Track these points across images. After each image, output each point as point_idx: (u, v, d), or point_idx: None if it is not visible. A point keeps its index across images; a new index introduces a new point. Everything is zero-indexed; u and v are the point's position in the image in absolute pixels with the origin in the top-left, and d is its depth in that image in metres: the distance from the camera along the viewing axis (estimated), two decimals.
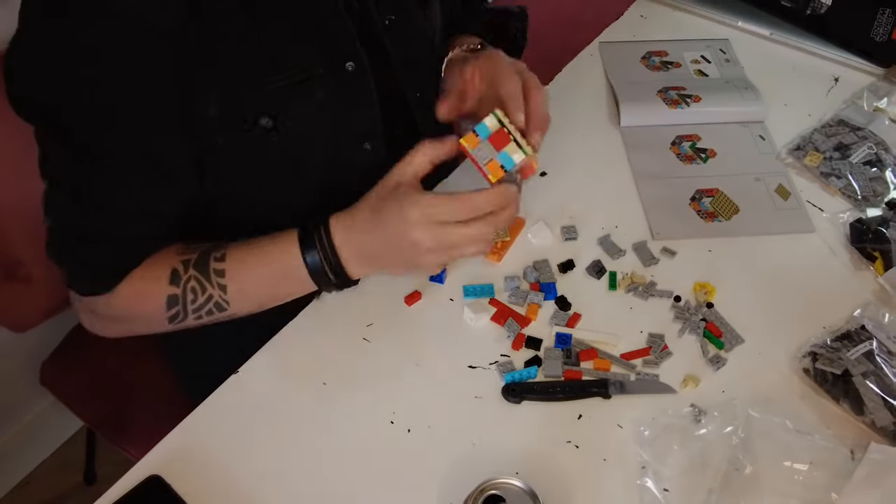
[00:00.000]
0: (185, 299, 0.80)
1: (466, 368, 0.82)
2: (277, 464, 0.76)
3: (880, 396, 0.77)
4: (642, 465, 0.74)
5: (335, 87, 0.81)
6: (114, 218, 0.77)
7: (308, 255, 0.78)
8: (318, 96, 0.80)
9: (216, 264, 0.80)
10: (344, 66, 0.81)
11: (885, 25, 1.13)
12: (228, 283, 0.80)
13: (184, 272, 0.80)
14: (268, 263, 0.80)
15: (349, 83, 0.82)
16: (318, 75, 0.79)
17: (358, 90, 0.83)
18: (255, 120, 0.77)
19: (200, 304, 0.80)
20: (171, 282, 0.79)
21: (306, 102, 0.79)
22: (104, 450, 1.45)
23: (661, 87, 1.11)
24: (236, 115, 0.76)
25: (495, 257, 0.91)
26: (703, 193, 0.99)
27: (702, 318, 0.85)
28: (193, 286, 0.80)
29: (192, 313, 0.80)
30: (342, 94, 0.82)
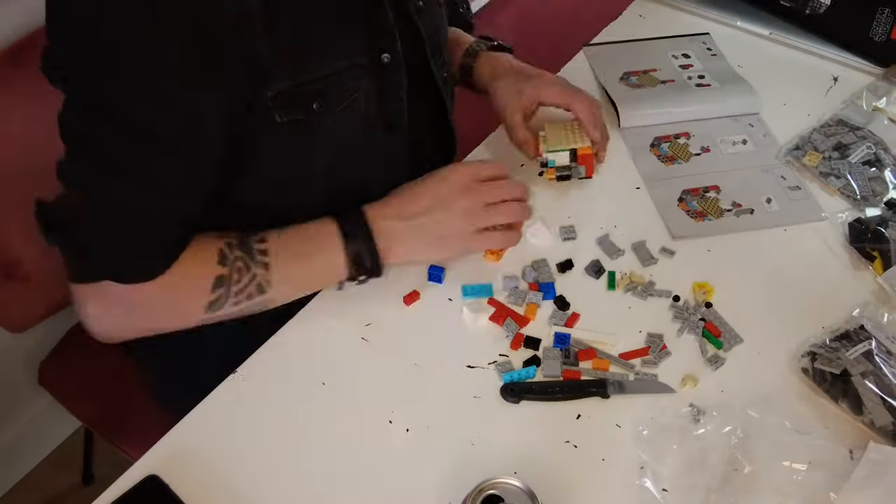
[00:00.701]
0: (230, 280, 0.79)
1: (465, 368, 0.82)
2: (276, 464, 0.76)
3: (879, 396, 0.77)
4: (641, 464, 0.74)
5: (373, 79, 0.83)
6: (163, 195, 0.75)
7: (350, 243, 0.82)
8: (359, 85, 0.81)
9: (258, 245, 0.81)
10: (380, 58, 0.83)
11: (884, 25, 1.13)
12: (271, 262, 0.80)
13: (230, 252, 0.80)
14: (306, 241, 0.82)
15: (384, 75, 0.84)
16: (361, 64, 0.81)
17: (391, 83, 0.85)
18: (310, 103, 0.78)
19: (244, 284, 0.79)
20: (219, 261, 0.79)
21: (353, 89, 0.81)
22: (102, 450, 1.45)
23: (652, 85, 1.11)
24: (293, 97, 0.77)
25: (494, 257, 0.91)
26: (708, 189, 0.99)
27: (700, 318, 0.85)
28: (239, 266, 0.79)
29: (233, 297, 0.80)
30: (377, 86, 0.84)
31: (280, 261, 0.81)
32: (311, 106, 0.78)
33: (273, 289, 0.81)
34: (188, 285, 0.79)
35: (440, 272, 0.89)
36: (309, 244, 0.83)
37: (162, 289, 0.77)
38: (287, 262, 0.81)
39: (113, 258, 0.76)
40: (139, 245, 0.76)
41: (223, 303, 0.80)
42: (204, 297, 0.79)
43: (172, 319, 0.82)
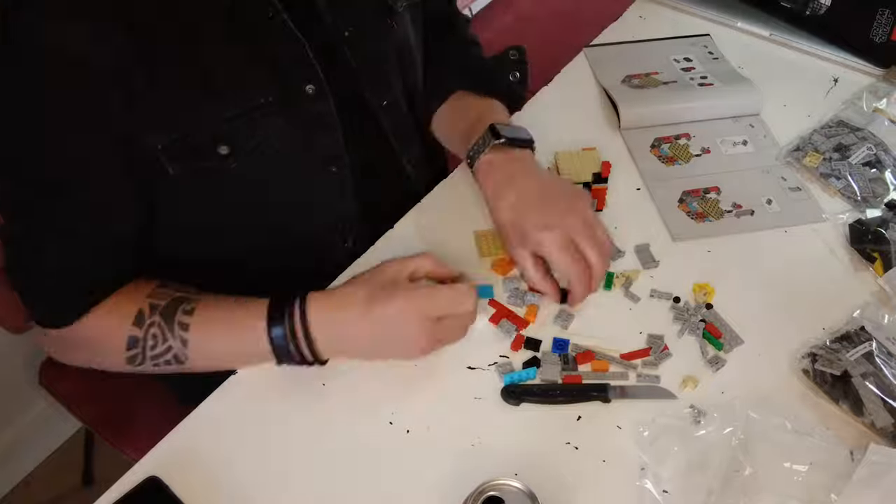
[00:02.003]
0: (145, 344, 0.78)
1: (465, 369, 0.82)
2: (276, 465, 0.76)
3: (880, 397, 0.77)
4: (642, 466, 0.74)
5: (295, 112, 0.79)
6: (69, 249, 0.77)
7: (274, 329, 0.75)
8: (276, 121, 0.78)
9: (182, 317, 0.78)
10: (304, 90, 0.79)
11: (885, 26, 1.13)
12: (191, 339, 0.78)
13: (149, 316, 0.78)
14: (233, 328, 0.77)
15: (309, 107, 0.81)
16: (275, 100, 0.77)
17: (319, 113, 0.82)
18: (212, 148, 0.76)
19: (160, 352, 0.78)
20: (134, 322, 0.78)
21: (265, 128, 0.77)
22: (103, 451, 1.45)
23: (654, 86, 1.11)
24: (189, 144, 0.75)
25: (500, 270, 0.90)
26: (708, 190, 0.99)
27: (701, 319, 0.85)
28: (155, 333, 0.78)
29: (151, 360, 0.78)
30: (303, 118, 0.80)
31: (201, 338, 0.78)
32: (215, 151, 0.76)
33: (189, 362, 0.79)
34: (103, 338, 0.80)
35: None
36: (233, 332, 0.78)
37: (83, 335, 0.80)
38: (209, 340, 0.78)
39: (33, 303, 0.81)
40: (51, 292, 0.79)
41: (141, 361, 0.79)
42: (120, 353, 0.79)
43: (105, 363, 0.83)
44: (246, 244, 0.86)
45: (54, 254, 0.77)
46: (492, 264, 0.91)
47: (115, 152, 0.74)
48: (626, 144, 1.05)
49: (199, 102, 0.74)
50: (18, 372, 1.45)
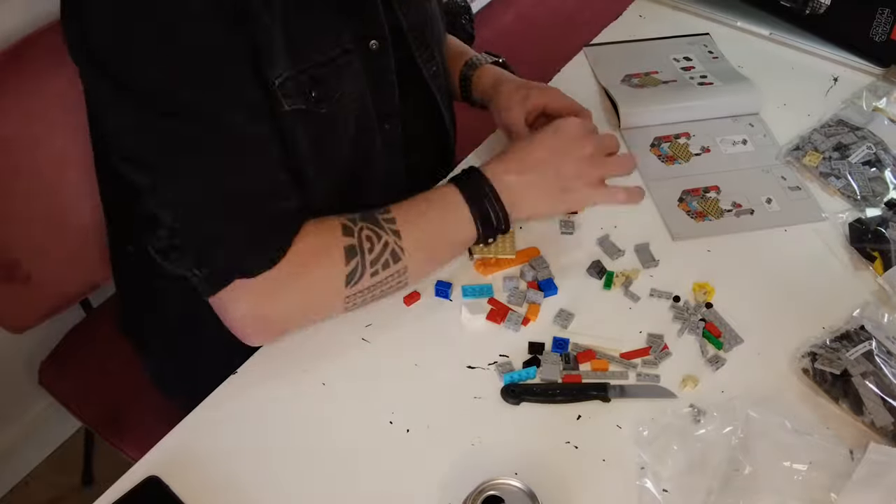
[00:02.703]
0: (362, 249, 0.78)
1: (465, 369, 0.82)
2: (276, 464, 0.76)
3: (879, 397, 0.77)
4: (641, 465, 0.74)
5: (362, 66, 0.82)
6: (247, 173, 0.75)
7: (467, 192, 0.82)
8: (350, 73, 0.81)
9: (384, 215, 0.81)
10: (368, 45, 0.83)
11: (885, 25, 1.13)
12: (401, 229, 0.80)
13: (354, 225, 0.79)
14: (432, 207, 0.83)
15: (373, 62, 0.84)
16: (350, 51, 0.80)
17: (381, 69, 0.85)
18: (309, 92, 0.78)
19: (378, 252, 0.79)
20: (343, 233, 0.79)
21: (345, 78, 0.80)
22: (102, 451, 1.45)
23: (654, 85, 1.11)
24: (296, 83, 0.76)
25: (484, 269, 0.90)
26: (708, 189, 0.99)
27: (701, 319, 0.85)
28: (368, 234, 0.79)
29: (370, 266, 0.79)
30: (368, 73, 0.83)
31: (410, 227, 0.81)
32: (309, 94, 0.78)
33: (407, 256, 0.81)
34: (319, 261, 0.78)
35: (447, 287, 0.88)
36: (434, 208, 0.83)
37: (294, 271, 0.76)
38: (417, 228, 0.81)
39: (228, 256, 0.75)
40: (247, 233, 0.75)
41: (361, 274, 0.79)
42: (339, 271, 0.78)
43: (318, 301, 0.80)
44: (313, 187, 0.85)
45: (244, 183, 0.75)
46: (475, 263, 0.91)
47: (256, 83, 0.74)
48: (626, 144, 1.05)
49: (303, 47, 0.76)
50: (18, 372, 1.45)
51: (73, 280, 1.17)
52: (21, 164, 1.06)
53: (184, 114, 0.71)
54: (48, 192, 1.09)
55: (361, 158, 0.88)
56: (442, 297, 0.88)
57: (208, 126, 0.72)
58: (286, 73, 0.76)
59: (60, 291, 1.17)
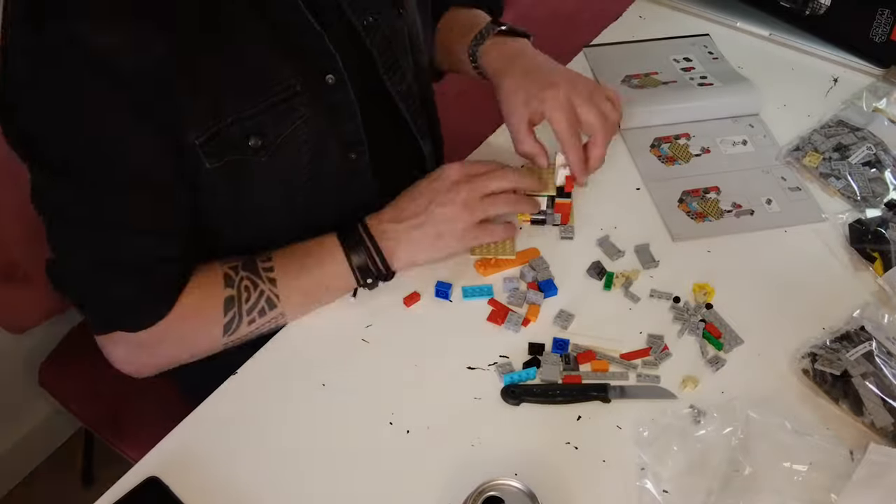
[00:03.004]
0: (239, 298, 0.81)
1: (465, 369, 0.82)
2: (276, 465, 0.76)
3: (879, 397, 0.77)
4: (641, 466, 0.74)
5: (318, 102, 0.80)
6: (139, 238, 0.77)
7: (346, 242, 0.84)
8: (302, 112, 0.79)
9: (264, 264, 0.83)
10: (324, 80, 0.81)
11: (885, 26, 1.13)
12: (278, 278, 0.82)
13: (235, 275, 0.82)
14: (310, 255, 0.84)
15: (330, 96, 0.82)
16: (300, 91, 0.78)
17: (339, 102, 0.83)
18: (244, 142, 0.77)
19: (254, 301, 0.82)
20: (225, 284, 0.81)
21: (292, 119, 0.79)
22: (102, 451, 1.45)
23: (654, 86, 1.11)
24: (224, 138, 0.76)
25: (484, 270, 0.90)
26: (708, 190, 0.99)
27: (701, 319, 0.85)
28: (247, 284, 0.82)
29: (247, 315, 0.82)
30: (325, 108, 0.82)
31: (286, 275, 0.83)
32: (246, 144, 0.77)
33: (283, 302, 0.83)
34: (199, 315, 0.81)
35: (447, 288, 0.88)
36: (312, 257, 0.84)
37: (175, 324, 0.81)
38: (293, 275, 0.83)
39: (116, 311, 0.80)
40: (135, 293, 0.79)
41: (238, 323, 0.82)
42: (218, 322, 0.81)
43: (194, 348, 0.84)
44: (274, 227, 0.87)
45: (132, 250, 0.77)
46: (476, 263, 0.91)
47: (164, 147, 0.74)
48: (626, 144, 1.05)
49: (232, 99, 0.75)
50: (18, 372, 1.45)
51: None
52: (20, 165, 1.06)
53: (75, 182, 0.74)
54: None
55: (324, 190, 0.87)
56: (442, 297, 0.88)
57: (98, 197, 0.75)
58: (210, 131, 0.74)
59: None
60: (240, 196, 0.82)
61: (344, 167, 0.87)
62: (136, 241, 0.77)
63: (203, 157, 0.76)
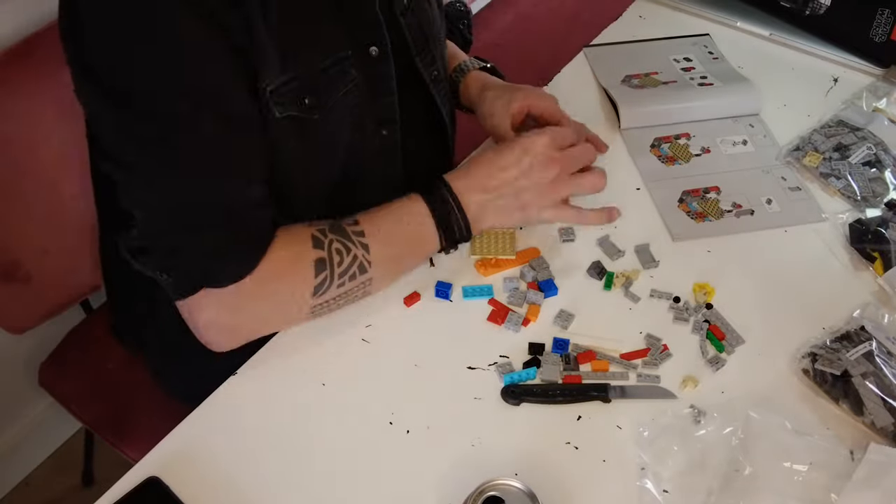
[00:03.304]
0: (331, 262, 0.80)
1: (465, 369, 0.82)
2: (276, 465, 0.76)
3: (880, 397, 0.77)
4: (642, 466, 0.74)
5: (362, 72, 0.83)
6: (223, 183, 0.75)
7: (432, 205, 0.84)
8: (353, 76, 0.82)
9: (352, 227, 0.82)
10: (368, 51, 0.83)
11: (885, 26, 1.13)
12: (369, 242, 0.82)
13: (324, 237, 0.80)
14: (400, 220, 0.84)
15: (373, 68, 0.84)
16: (349, 58, 0.81)
17: (381, 76, 0.85)
18: (301, 99, 0.78)
19: (346, 265, 0.81)
20: (314, 246, 0.80)
21: (344, 82, 0.81)
22: (103, 451, 1.45)
23: (654, 86, 1.11)
24: (286, 93, 0.77)
25: (484, 270, 0.90)
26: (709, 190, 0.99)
27: (705, 321, 0.85)
28: (338, 247, 0.80)
29: (338, 278, 0.80)
30: (367, 80, 0.84)
31: (377, 241, 0.82)
32: (303, 101, 0.78)
33: (373, 269, 0.82)
34: (291, 273, 0.79)
35: (447, 288, 0.88)
36: (402, 224, 0.84)
37: (263, 283, 0.77)
38: (385, 241, 0.83)
39: (200, 265, 0.76)
40: (221, 243, 0.75)
41: (328, 285, 0.80)
42: (309, 283, 0.79)
43: (284, 311, 0.81)
44: (308, 194, 0.87)
45: (220, 193, 0.75)
46: (476, 263, 0.91)
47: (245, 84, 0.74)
48: (626, 144, 1.05)
49: (298, 54, 0.77)
50: (18, 372, 1.45)
51: (73, 280, 1.17)
52: (21, 164, 1.06)
53: (161, 118, 0.71)
54: (48, 192, 1.09)
55: (356, 164, 0.88)
56: (442, 297, 0.88)
57: (185, 133, 0.72)
58: (279, 80, 0.76)
59: (60, 291, 1.17)
60: (289, 154, 0.81)
61: (376, 142, 0.89)
62: (226, 184, 0.75)
63: (273, 105, 0.76)
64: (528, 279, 0.90)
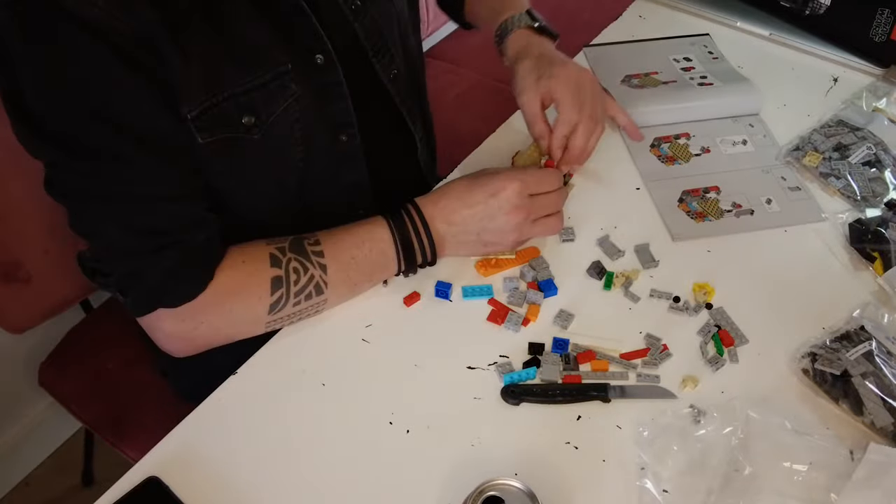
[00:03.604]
0: (288, 280, 0.80)
1: (465, 369, 0.82)
2: (276, 465, 0.76)
3: (879, 397, 0.77)
4: (641, 466, 0.74)
5: (307, 82, 0.81)
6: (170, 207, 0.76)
7: (397, 229, 0.84)
8: (293, 90, 0.80)
9: (312, 247, 0.82)
10: (313, 59, 0.82)
11: (884, 26, 1.13)
12: (328, 263, 0.82)
13: (282, 255, 0.81)
14: (361, 243, 0.84)
15: (320, 76, 0.83)
16: (290, 70, 0.79)
17: (329, 83, 0.84)
18: (237, 119, 0.77)
19: (303, 284, 0.81)
20: (272, 264, 0.80)
21: (284, 97, 0.80)
22: (102, 451, 1.45)
23: (654, 86, 1.11)
24: (216, 115, 0.76)
25: (484, 270, 0.90)
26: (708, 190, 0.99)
27: (717, 325, 0.85)
28: (296, 266, 0.81)
29: (293, 297, 0.81)
30: (314, 88, 0.83)
31: (336, 263, 0.83)
32: (239, 122, 0.78)
33: (329, 290, 0.83)
34: (245, 290, 0.80)
35: (447, 288, 0.88)
36: (363, 248, 0.84)
37: (219, 299, 0.80)
38: (343, 264, 0.83)
39: (148, 289, 0.78)
40: (174, 261, 0.77)
41: (284, 303, 0.81)
42: (264, 300, 0.80)
43: (238, 325, 0.82)
44: (266, 209, 0.87)
45: (163, 216, 0.76)
46: (476, 263, 0.91)
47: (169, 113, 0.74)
48: (626, 144, 1.05)
49: (225, 75, 0.76)
50: (18, 372, 1.45)
51: (74, 280, 1.17)
52: (21, 164, 1.06)
53: (90, 153, 0.72)
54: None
55: (315, 175, 0.87)
56: (442, 297, 0.88)
57: (115, 168, 0.73)
58: (203, 106, 0.75)
59: (60, 291, 1.17)
60: (232, 174, 0.82)
61: (335, 149, 0.88)
62: (166, 207, 0.76)
63: (195, 131, 0.76)
64: (527, 279, 0.90)
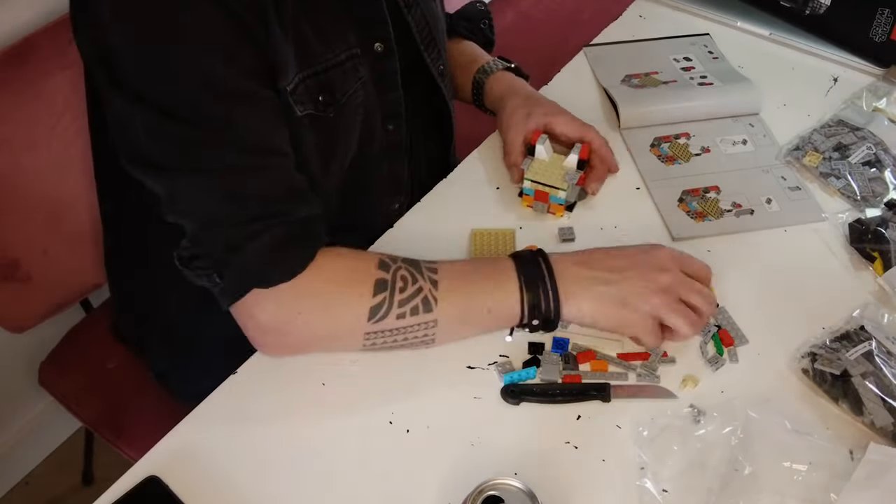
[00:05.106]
0: (393, 285, 0.75)
1: (465, 369, 0.82)
2: (276, 464, 0.76)
3: (879, 397, 0.77)
4: (641, 465, 0.74)
5: (369, 68, 0.84)
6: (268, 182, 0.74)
7: (521, 267, 0.77)
8: (362, 73, 0.83)
9: (427, 264, 0.78)
10: (373, 48, 0.84)
11: (885, 25, 1.13)
12: (440, 280, 0.76)
13: (392, 262, 0.77)
14: (479, 271, 0.79)
15: (379, 64, 0.85)
16: (360, 54, 0.82)
17: (386, 71, 0.86)
18: (316, 96, 0.79)
19: (409, 294, 0.75)
20: (379, 266, 0.76)
21: (354, 79, 0.82)
22: (102, 450, 1.45)
23: (654, 86, 1.11)
24: (303, 91, 0.77)
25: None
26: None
27: (716, 324, 0.85)
28: (404, 274, 0.76)
29: (398, 307, 0.75)
30: (373, 76, 0.85)
31: (450, 282, 0.77)
32: (317, 99, 0.79)
33: (439, 309, 0.76)
34: (344, 285, 0.75)
35: None
36: (481, 275, 0.78)
37: (320, 287, 0.75)
38: (458, 285, 0.77)
39: (248, 265, 0.73)
40: (269, 240, 0.73)
41: (386, 311, 0.75)
42: (365, 299, 0.75)
43: (336, 326, 0.77)
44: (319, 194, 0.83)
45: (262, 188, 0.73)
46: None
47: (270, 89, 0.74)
48: (626, 144, 1.05)
49: (312, 52, 0.77)
50: (18, 372, 1.45)
51: (73, 280, 1.17)
52: (21, 164, 1.06)
53: (198, 119, 0.70)
54: (48, 192, 1.09)
55: (363, 161, 0.88)
56: None
57: (223, 131, 0.71)
58: (297, 78, 0.76)
59: (60, 291, 1.18)
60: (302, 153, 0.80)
61: (383, 139, 0.90)
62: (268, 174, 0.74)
63: (293, 104, 0.76)
64: None
